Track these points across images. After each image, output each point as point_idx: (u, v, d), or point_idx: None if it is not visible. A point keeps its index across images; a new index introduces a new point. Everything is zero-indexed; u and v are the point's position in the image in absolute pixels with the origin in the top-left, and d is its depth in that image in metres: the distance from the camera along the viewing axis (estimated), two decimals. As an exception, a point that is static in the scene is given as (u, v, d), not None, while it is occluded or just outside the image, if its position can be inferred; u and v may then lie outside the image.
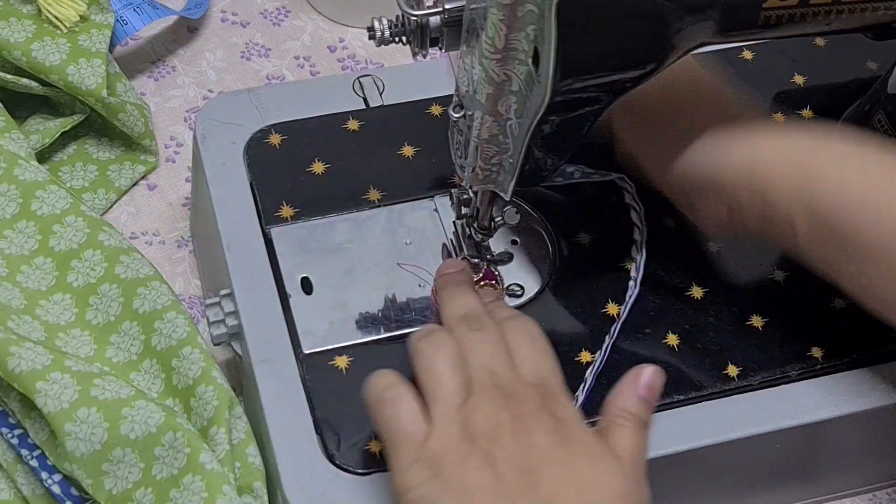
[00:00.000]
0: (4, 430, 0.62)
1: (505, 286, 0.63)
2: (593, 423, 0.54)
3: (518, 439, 0.50)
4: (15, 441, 0.61)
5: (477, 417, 0.51)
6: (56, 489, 0.60)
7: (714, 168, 0.58)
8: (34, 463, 0.61)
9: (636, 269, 0.63)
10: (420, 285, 0.63)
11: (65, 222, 0.67)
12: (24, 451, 0.61)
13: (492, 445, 0.50)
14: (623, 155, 0.65)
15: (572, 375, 0.60)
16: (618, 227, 0.65)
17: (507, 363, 0.54)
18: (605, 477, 0.51)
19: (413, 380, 0.53)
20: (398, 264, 0.63)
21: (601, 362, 0.60)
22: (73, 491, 0.60)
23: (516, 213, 0.60)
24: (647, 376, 0.54)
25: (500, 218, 0.61)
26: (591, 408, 0.58)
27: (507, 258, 0.64)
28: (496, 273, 0.62)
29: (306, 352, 0.60)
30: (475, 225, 0.62)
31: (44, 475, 0.60)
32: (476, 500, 0.49)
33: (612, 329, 0.61)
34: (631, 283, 0.62)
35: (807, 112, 0.71)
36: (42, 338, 0.63)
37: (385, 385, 0.53)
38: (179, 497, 0.56)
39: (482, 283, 0.61)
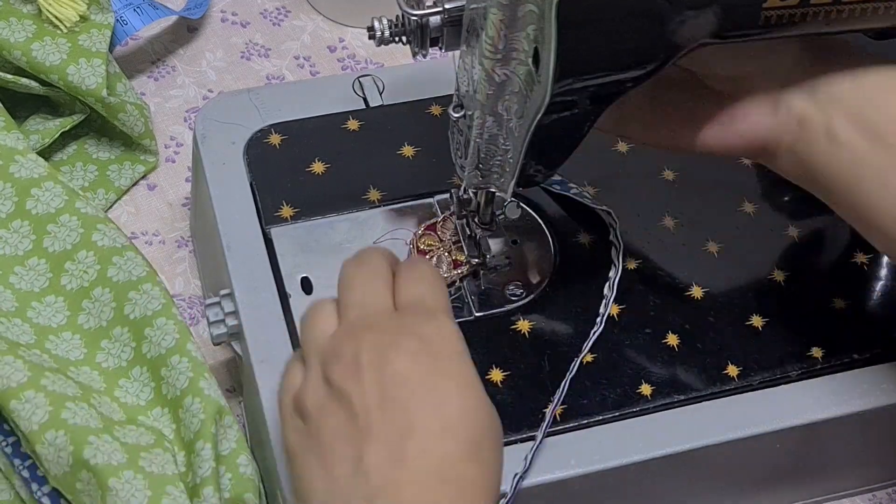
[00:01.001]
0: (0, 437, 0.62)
1: (486, 261, 0.63)
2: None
3: (376, 370, 0.49)
4: (9, 450, 0.61)
5: (336, 358, 0.50)
6: (46, 501, 0.60)
7: (774, 63, 0.55)
8: (25, 473, 0.60)
9: (604, 305, 0.62)
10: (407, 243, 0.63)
11: (59, 221, 0.67)
12: (16, 461, 0.60)
13: (349, 383, 0.49)
14: None
15: (573, 375, 0.60)
16: (617, 226, 0.65)
17: (380, 294, 0.52)
18: (470, 403, 0.49)
19: None
20: (374, 243, 0.63)
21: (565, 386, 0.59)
22: (62, 503, 0.60)
23: (517, 207, 0.60)
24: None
25: (500, 213, 0.61)
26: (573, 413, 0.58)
27: (506, 259, 0.64)
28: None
29: None
30: (476, 220, 0.62)
31: (34, 486, 0.60)
32: (333, 452, 0.48)
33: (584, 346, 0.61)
34: (598, 318, 0.61)
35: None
36: (32, 341, 0.63)
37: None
38: None
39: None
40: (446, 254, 0.63)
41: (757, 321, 0.63)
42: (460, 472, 0.47)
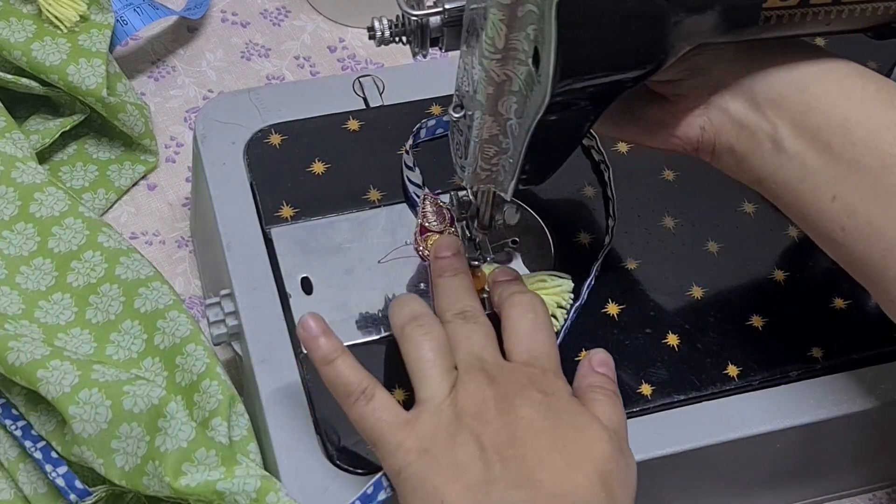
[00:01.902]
0: (8, 422, 0.62)
1: (486, 261, 0.63)
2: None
3: (503, 415, 0.52)
4: (18, 433, 0.61)
5: (462, 396, 0.52)
6: (60, 482, 0.60)
7: (703, 65, 0.54)
8: (38, 455, 0.61)
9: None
10: (421, 285, 0.63)
11: (64, 224, 0.67)
12: (27, 444, 0.61)
13: (477, 422, 0.52)
14: None
15: (572, 375, 0.60)
16: (618, 227, 0.65)
17: (495, 350, 0.55)
18: (591, 444, 0.52)
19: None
20: (378, 262, 0.63)
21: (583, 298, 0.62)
22: (78, 483, 0.60)
23: (516, 212, 0.60)
24: (598, 357, 0.57)
25: (500, 217, 0.61)
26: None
27: (506, 258, 0.64)
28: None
29: (306, 352, 0.60)
30: (475, 224, 0.62)
31: (48, 468, 0.60)
32: (466, 474, 0.50)
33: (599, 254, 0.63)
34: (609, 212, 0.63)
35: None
36: (41, 339, 0.63)
37: (359, 385, 0.54)
38: (195, 470, 0.56)
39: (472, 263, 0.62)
40: (450, 230, 0.63)
41: (757, 321, 0.63)
42: (593, 499, 0.50)
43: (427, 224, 0.62)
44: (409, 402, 0.55)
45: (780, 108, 0.53)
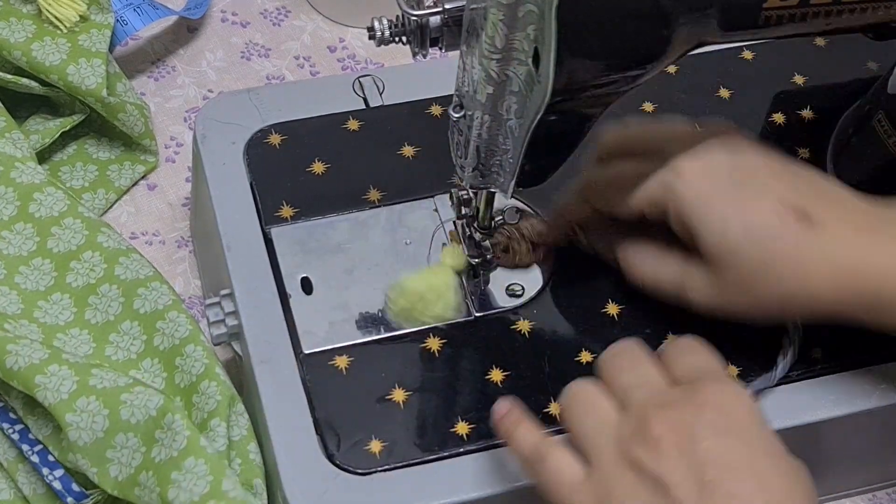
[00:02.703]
0: (5, 425, 0.62)
1: (486, 261, 0.63)
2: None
3: (685, 455, 0.46)
4: (16, 436, 0.61)
5: (634, 442, 0.47)
6: (57, 485, 0.60)
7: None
8: (35, 459, 0.61)
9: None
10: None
11: (63, 224, 0.67)
12: (24, 447, 0.61)
13: (658, 468, 0.46)
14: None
15: (572, 375, 0.60)
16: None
17: (654, 372, 0.51)
18: (791, 473, 0.47)
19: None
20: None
21: None
22: (75, 486, 0.60)
23: (516, 212, 0.60)
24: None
25: (500, 218, 0.61)
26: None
27: (506, 258, 0.64)
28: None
29: (306, 352, 0.60)
30: (475, 225, 0.62)
31: (45, 471, 0.60)
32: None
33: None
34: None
35: (807, 112, 0.71)
36: (39, 339, 0.63)
37: (531, 444, 0.51)
38: (182, 480, 0.56)
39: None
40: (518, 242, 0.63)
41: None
42: None
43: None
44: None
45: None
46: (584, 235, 0.63)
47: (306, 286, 0.63)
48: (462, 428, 0.58)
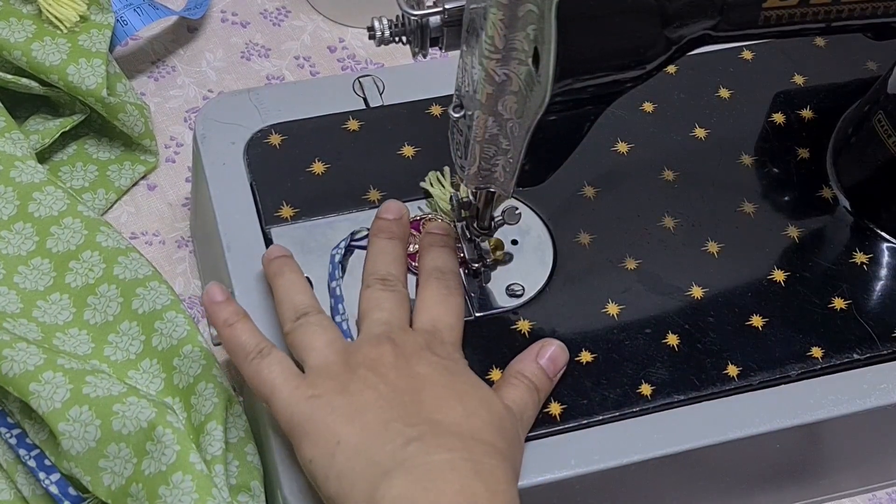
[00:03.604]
0: (3, 429, 0.62)
1: (486, 263, 0.63)
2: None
3: (399, 370, 0.53)
4: (13, 441, 0.61)
5: (357, 354, 0.54)
6: (54, 489, 0.60)
7: None
8: (32, 463, 0.61)
9: None
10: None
11: (62, 224, 0.67)
12: (21, 451, 0.61)
13: (371, 373, 0.53)
14: None
15: (572, 375, 0.60)
16: (618, 227, 0.65)
17: (403, 319, 0.57)
18: (486, 400, 0.53)
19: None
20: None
21: None
22: (71, 490, 0.60)
23: (516, 212, 0.60)
24: (551, 349, 0.58)
25: (500, 218, 0.61)
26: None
27: (506, 258, 0.64)
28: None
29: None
30: (475, 225, 0.62)
31: (41, 475, 0.60)
32: (362, 415, 0.51)
33: None
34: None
35: (807, 112, 0.71)
36: (38, 339, 0.63)
37: (256, 346, 0.56)
38: (169, 495, 0.56)
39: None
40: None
41: (757, 321, 0.62)
42: (492, 439, 0.51)
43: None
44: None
45: None
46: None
47: (306, 286, 0.63)
48: (462, 428, 0.58)
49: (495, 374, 0.59)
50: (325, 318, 0.57)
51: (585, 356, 0.61)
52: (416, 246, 0.62)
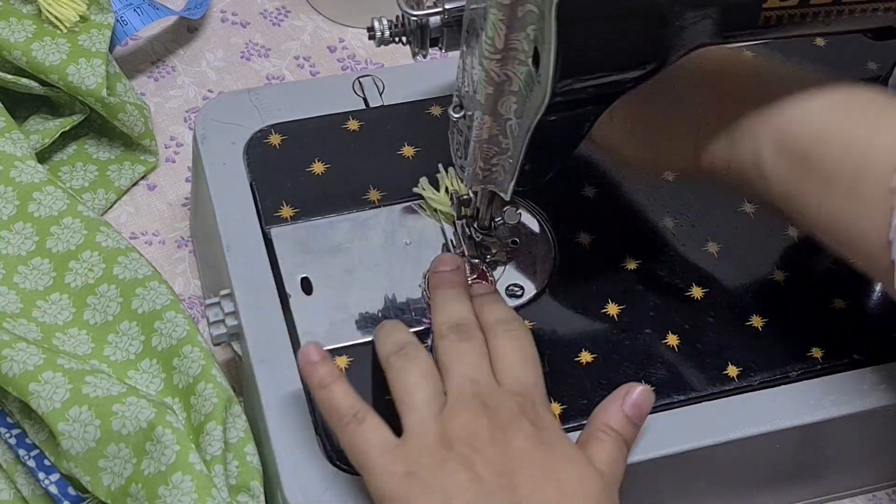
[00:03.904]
0: (2, 429, 0.62)
1: (495, 281, 0.63)
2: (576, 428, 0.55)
3: (496, 445, 0.51)
4: (13, 441, 0.61)
5: (453, 424, 0.52)
6: (53, 489, 0.60)
7: (683, 101, 0.56)
8: (31, 463, 0.61)
9: None
10: (420, 286, 0.63)
11: (62, 224, 0.67)
12: (21, 451, 0.61)
13: (468, 450, 0.51)
14: None
15: (572, 375, 0.60)
16: (618, 227, 0.65)
17: (489, 373, 0.55)
18: (583, 480, 0.51)
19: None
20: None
21: None
22: (71, 490, 0.60)
23: (516, 212, 0.60)
24: (636, 395, 0.56)
25: (500, 218, 0.61)
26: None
27: (506, 258, 0.64)
28: (489, 276, 0.62)
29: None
30: (475, 225, 0.62)
31: (41, 475, 0.60)
32: (455, 499, 0.50)
33: None
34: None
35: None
36: (38, 338, 0.63)
37: (350, 409, 0.54)
38: (168, 495, 0.56)
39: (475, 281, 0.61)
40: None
41: (757, 321, 0.63)
42: None
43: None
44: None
45: (759, 135, 0.54)
46: None
47: (306, 286, 0.63)
48: (462, 428, 0.58)
49: (495, 374, 0.59)
50: (423, 353, 0.56)
51: (585, 356, 0.61)
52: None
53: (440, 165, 0.65)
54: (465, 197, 0.62)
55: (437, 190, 0.65)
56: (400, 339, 0.56)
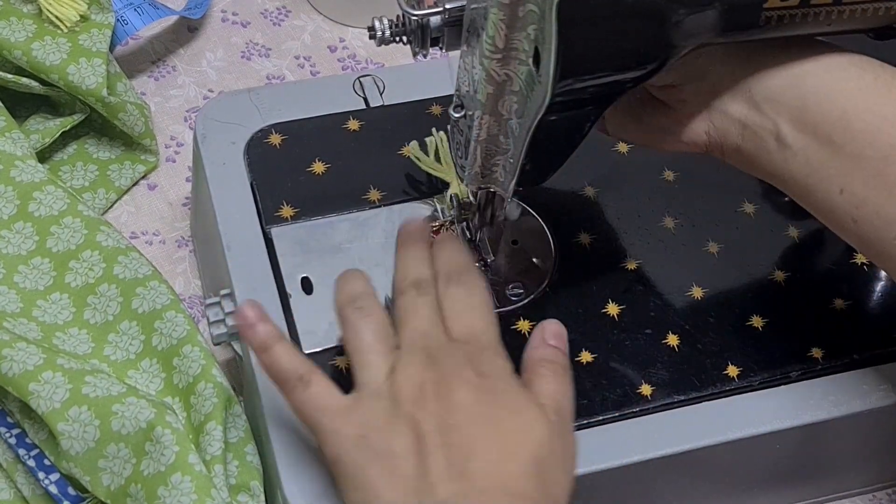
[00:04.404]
0: (2, 429, 0.62)
1: (487, 263, 0.63)
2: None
3: (440, 400, 0.51)
4: (13, 440, 0.61)
5: (401, 382, 0.52)
6: (53, 489, 0.60)
7: (700, 69, 0.55)
8: (31, 463, 0.61)
9: None
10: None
11: (62, 223, 0.67)
12: (21, 451, 0.61)
13: (414, 408, 0.51)
14: None
15: (573, 375, 0.60)
16: (618, 227, 0.65)
17: (440, 325, 0.55)
18: (527, 426, 0.51)
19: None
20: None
21: None
22: (71, 490, 0.60)
23: (517, 207, 0.60)
24: (551, 328, 0.56)
25: (500, 214, 0.61)
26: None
27: (506, 258, 0.64)
28: (489, 276, 0.62)
29: (306, 352, 0.60)
30: (475, 221, 0.62)
31: (41, 475, 0.60)
32: (401, 466, 0.50)
33: None
34: None
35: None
36: (38, 338, 0.64)
37: (295, 372, 0.53)
38: (168, 496, 0.56)
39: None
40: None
41: (757, 321, 0.63)
42: (524, 489, 0.50)
43: None
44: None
45: (780, 105, 0.53)
46: None
47: (306, 286, 0.63)
48: (462, 428, 0.58)
49: (495, 374, 0.59)
50: (377, 307, 0.56)
51: (585, 356, 0.61)
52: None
53: (433, 129, 0.65)
54: (465, 199, 0.62)
55: (427, 154, 0.65)
56: (356, 289, 0.56)
